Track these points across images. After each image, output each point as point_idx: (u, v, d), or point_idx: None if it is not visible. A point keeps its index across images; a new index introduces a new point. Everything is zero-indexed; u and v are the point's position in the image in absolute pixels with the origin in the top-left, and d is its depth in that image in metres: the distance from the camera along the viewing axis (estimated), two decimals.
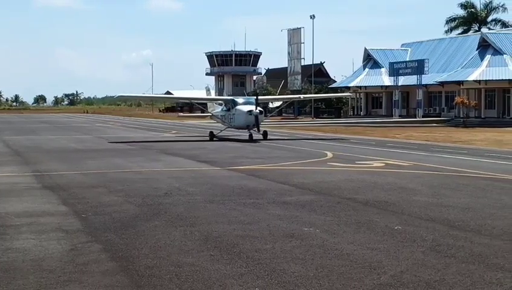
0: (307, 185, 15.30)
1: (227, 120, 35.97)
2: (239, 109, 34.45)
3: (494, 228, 9.91)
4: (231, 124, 35.46)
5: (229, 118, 35.73)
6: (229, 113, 35.74)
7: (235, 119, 34.87)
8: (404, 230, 9.78)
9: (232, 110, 35.33)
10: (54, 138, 37.76)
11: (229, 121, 35.72)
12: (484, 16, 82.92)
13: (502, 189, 14.55)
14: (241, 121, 34.19)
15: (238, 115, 34.32)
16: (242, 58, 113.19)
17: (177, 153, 25.26)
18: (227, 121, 36.06)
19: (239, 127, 35.16)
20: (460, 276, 7.20)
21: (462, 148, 28.28)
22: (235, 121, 34.86)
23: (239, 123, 34.61)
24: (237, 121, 34.67)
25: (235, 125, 35.14)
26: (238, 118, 34.44)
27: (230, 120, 35.45)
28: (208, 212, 11.45)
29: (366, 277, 7.18)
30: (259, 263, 7.76)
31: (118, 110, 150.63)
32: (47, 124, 64.14)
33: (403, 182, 15.76)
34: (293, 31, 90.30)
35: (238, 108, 34.64)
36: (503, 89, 56.72)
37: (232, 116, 35.15)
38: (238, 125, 34.89)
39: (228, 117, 35.82)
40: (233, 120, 35.11)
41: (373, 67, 73.94)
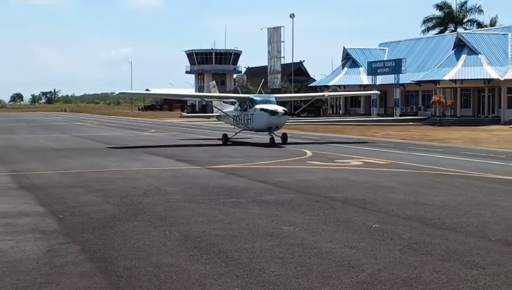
0: (286, 183, 15.38)
1: (243, 121, 31.40)
2: (260, 109, 29.96)
3: (469, 226, 10.06)
4: (248, 125, 31.05)
5: (244, 118, 31.21)
6: (245, 114, 31.14)
7: (254, 120, 30.41)
8: (382, 228, 9.89)
9: (249, 109, 30.76)
10: (31, 137, 37.43)
11: (245, 122, 31.25)
12: (461, 16, 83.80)
13: (477, 187, 14.75)
14: (262, 123, 29.86)
15: (259, 116, 29.93)
16: (222, 57, 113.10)
17: (156, 153, 25.20)
18: (242, 122, 31.52)
19: (259, 130, 30.85)
20: (436, 273, 7.32)
21: (438, 147, 28.57)
22: (254, 122, 30.37)
23: (259, 125, 30.17)
24: (257, 122, 30.20)
25: (254, 127, 30.73)
26: (258, 118, 30.02)
27: (247, 121, 30.99)
28: (188, 212, 11.47)
29: (344, 275, 7.26)
30: (238, 263, 7.81)
31: (96, 109, 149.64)
32: (24, 123, 63.50)
33: (381, 180, 15.91)
34: (273, 29, 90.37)
35: (258, 107, 30.15)
36: (478, 89, 57.34)
37: (250, 117, 30.65)
38: (257, 127, 30.49)
39: (244, 118, 31.30)
40: (251, 121, 30.64)
41: (352, 67, 74.35)
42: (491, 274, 7.27)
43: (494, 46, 59.49)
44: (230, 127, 34.80)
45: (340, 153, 24.37)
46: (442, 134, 39.42)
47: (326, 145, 29.72)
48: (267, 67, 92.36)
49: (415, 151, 25.80)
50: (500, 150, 26.43)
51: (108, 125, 58.89)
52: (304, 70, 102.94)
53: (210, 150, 26.55)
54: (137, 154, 24.68)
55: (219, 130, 39.20)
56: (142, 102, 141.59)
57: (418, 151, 25.56)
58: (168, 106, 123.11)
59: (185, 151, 25.81)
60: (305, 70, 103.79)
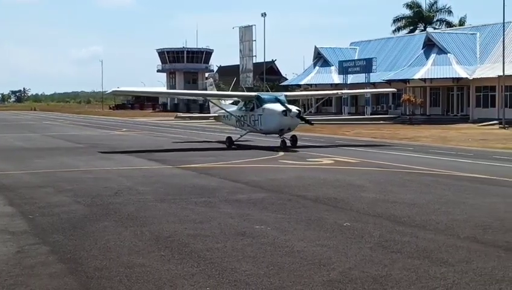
0: (258, 183, 15.41)
1: (250, 122, 28.02)
2: (270, 108, 26.73)
3: (438, 223, 10.20)
4: (256, 127, 27.72)
5: (251, 119, 27.89)
6: (251, 114, 27.83)
7: (262, 121, 27.11)
8: (353, 226, 9.98)
9: (257, 109, 27.46)
10: (1, 136, 36.87)
11: (252, 124, 27.88)
12: (431, 16, 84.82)
13: (446, 185, 14.96)
14: (273, 124, 26.61)
15: (269, 116, 26.65)
16: (194, 55, 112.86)
17: (127, 152, 25.01)
18: (249, 123, 28.13)
19: (268, 132, 27.65)
20: (406, 271, 7.40)
21: (408, 145, 28.89)
22: (263, 123, 27.08)
23: (269, 126, 26.92)
24: (266, 123, 26.91)
25: (263, 128, 27.42)
26: (268, 119, 26.76)
27: (254, 122, 27.66)
28: (159, 211, 11.43)
29: (315, 274, 7.31)
30: (210, 262, 7.81)
31: (67, 108, 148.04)
32: None
33: (352, 179, 16.04)
34: (244, 28, 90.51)
35: (267, 107, 26.90)
36: (447, 87, 58.10)
37: (258, 118, 27.40)
38: (267, 128, 27.24)
39: (250, 118, 27.95)
40: (259, 122, 27.37)
41: (323, 66, 74.83)
42: (460, 271, 7.38)
43: (463, 46, 60.34)
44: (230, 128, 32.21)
45: (311, 152, 24.47)
46: (412, 132, 39.85)
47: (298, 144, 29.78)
48: (239, 66, 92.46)
49: (385, 149, 26.04)
50: (469, 148, 26.82)
51: (79, 124, 58.31)
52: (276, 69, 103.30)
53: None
54: (108, 153, 24.48)
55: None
56: (113, 101, 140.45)
57: (388, 150, 25.81)
58: (140, 105, 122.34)
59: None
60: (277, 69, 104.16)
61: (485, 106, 55.57)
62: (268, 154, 23.69)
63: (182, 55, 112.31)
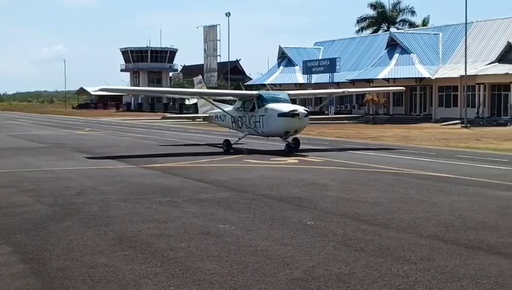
0: (223, 182, 15.40)
1: (249, 124, 25.40)
2: (274, 109, 24.23)
3: (401, 222, 10.33)
4: (257, 129, 25.08)
5: (251, 120, 25.26)
6: (251, 115, 25.25)
7: (265, 123, 24.56)
8: (317, 225, 10.04)
9: (258, 109, 24.87)
10: None
11: (252, 125, 25.23)
12: (394, 16, 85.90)
13: (409, 184, 15.15)
14: (278, 126, 24.12)
15: (273, 117, 24.12)
16: (158, 55, 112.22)
17: (90, 151, 24.75)
18: (248, 124, 25.47)
19: (271, 134, 25.19)
20: (369, 269, 7.48)
21: (372, 144, 29.17)
22: (266, 125, 24.54)
23: (273, 128, 24.43)
24: (270, 125, 24.38)
25: (265, 131, 24.85)
26: (272, 121, 24.21)
27: (255, 124, 25.02)
28: (122, 211, 11.34)
29: (279, 272, 7.33)
30: (174, 262, 7.77)
31: (29, 107, 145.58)
32: None
33: (316, 178, 16.13)
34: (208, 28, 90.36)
35: (271, 107, 24.37)
36: (410, 87, 58.91)
37: (260, 119, 24.77)
38: (270, 131, 24.72)
39: (250, 120, 25.33)
40: (261, 124, 24.77)
41: (287, 65, 75.15)
42: (422, 269, 7.48)
43: (425, 46, 61.29)
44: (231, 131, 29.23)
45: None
46: (375, 132, 40.27)
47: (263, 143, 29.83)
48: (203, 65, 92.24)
49: (349, 149, 26.25)
50: (431, 148, 27.22)
51: (42, 123, 57.44)
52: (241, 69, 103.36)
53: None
54: (71, 153, 24.18)
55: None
56: (77, 100, 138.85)
57: (352, 149, 26.02)
58: (103, 104, 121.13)
59: (119, 150, 25.44)
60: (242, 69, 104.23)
61: (447, 105, 56.52)
62: (232, 152, 23.66)
63: (146, 54, 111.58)
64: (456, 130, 43.04)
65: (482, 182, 15.50)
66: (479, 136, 35.25)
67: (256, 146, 26.35)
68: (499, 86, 51.18)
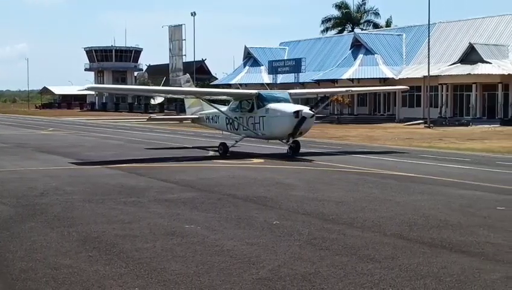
0: (188, 182, 15.35)
1: (247, 125, 23.43)
2: (276, 109, 22.44)
3: (365, 221, 10.43)
4: (257, 131, 23.13)
5: (249, 122, 23.29)
6: (250, 116, 23.32)
7: (266, 125, 22.64)
8: (282, 225, 10.07)
9: (258, 110, 22.96)
10: None
11: (251, 127, 23.23)
12: (358, 17, 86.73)
13: (373, 183, 15.32)
14: (281, 127, 22.28)
15: (276, 118, 22.31)
16: (123, 54, 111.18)
17: (53, 151, 24.42)
18: (245, 126, 23.52)
19: (273, 137, 23.34)
20: (334, 268, 7.53)
21: (336, 144, 29.40)
22: (268, 126, 22.62)
23: (275, 130, 22.58)
24: (272, 126, 22.50)
25: (266, 133, 22.97)
26: (274, 122, 22.38)
27: (255, 126, 23.06)
28: (87, 212, 11.21)
29: (245, 272, 7.34)
30: (139, 263, 7.72)
31: None
32: None
33: (281, 178, 16.19)
34: (174, 27, 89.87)
35: (273, 107, 22.53)
36: None
37: (260, 120, 22.85)
38: (272, 133, 22.85)
39: (248, 121, 23.37)
40: (261, 126, 22.84)
41: (253, 65, 75.25)
42: (386, 267, 7.56)
43: (389, 47, 62.01)
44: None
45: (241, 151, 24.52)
46: (340, 132, 40.59)
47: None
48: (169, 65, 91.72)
49: (314, 148, 26.39)
50: (395, 147, 27.54)
51: (4, 123, 56.37)
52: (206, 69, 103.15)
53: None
54: (33, 153, 23.82)
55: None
56: (40, 100, 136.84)
57: (317, 149, 26.16)
58: (67, 104, 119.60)
59: (84, 150, 25.16)
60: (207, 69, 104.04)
61: (410, 105, 57.28)
62: (199, 152, 23.59)
63: (111, 53, 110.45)
64: (419, 130, 43.63)
65: (444, 181, 15.74)
66: (441, 135, 35.80)
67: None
68: (461, 86, 52.06)
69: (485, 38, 54.86)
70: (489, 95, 51.27)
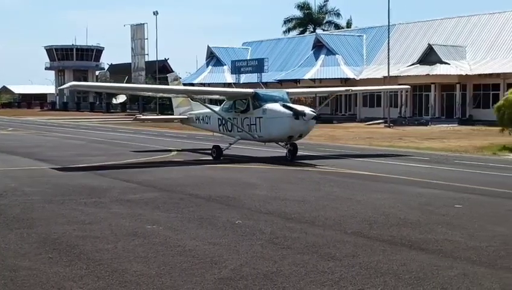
0: (151, 182, 15.25)
1: (242, 126, 21.97)
2: (275, 110, 20.87)
3: (326, 219, 10.53)
4: (253, 133, 21.65)
5: (244, 123, 21.86)
6: (245, 116, 21.88)
7: (264, 126, 21.18)
8: (245, 224, 10.10)
9: (254, 110, 21.52)
10: None
11: (246, 129, 21.78)
12: (320, 18, 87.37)
13: (335, 182, 15.47)
14: (280, 129, 20.73)
15: (274, 119, 20.79)
16: (84, 53, 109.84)
17: (13, 152, 24.00)
18: (240, 128, 22.04)
19: (271, 139, 21.80)
20: (295, 266, 7.59)
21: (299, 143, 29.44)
22: (265, 128, 21.14)
23: (273, 132, 21.02)
24: (270, 128, 21.00)
25: (264, 135, 21.45)
26: (272, 123, 20.83)
27: (251, 127, 21.62)
28: (47, 213, 11.06)
29: (207, 272, 7.34)
30: (100, 264, 7.65)
31: None
32: None
33: (244, 177, 16.22)
34: (136, 26, 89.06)
35: (271, 108, 21.01)
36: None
37: (256, 121, 21.42)
38: (270, 135, 21.29)
39: (243, 122, 21.92)
40: (257, 127, 21.41)
41: (216, 65, 75.18)
42: (347, 265, 7.65)
43: (350, 47, 62.65)
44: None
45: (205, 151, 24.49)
46: None
47: (191, 142, 29.70)
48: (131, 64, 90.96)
49: (277, 148, 26.47)
50: (356, 146, 27.84)
51: None
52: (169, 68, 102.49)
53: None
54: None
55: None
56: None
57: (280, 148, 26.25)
58: (27, 103, 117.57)
59: (45, 150, 24.78)
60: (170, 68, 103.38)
61: (371, 105, 57.93)
62: (161, 152, 23.47)
63: (71, 52, 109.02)
64: (379, 130, 44.16)
65: (404, 179, 15.98)
66: (401, 135, 36.30)
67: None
68: (420, 86, 52.85)
69: (444, 39, 55.86)
70: (447, 95, 52.19)
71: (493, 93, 48.22)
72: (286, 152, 21.29)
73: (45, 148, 26.20)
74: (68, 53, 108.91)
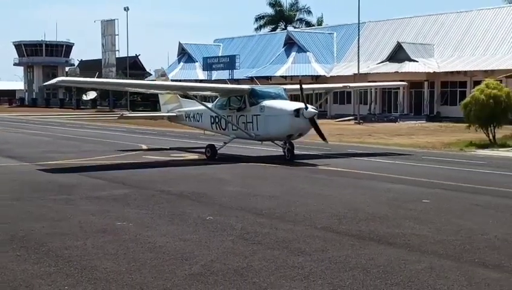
0: (121, 179, 15.17)
1: (238, 124, 20.82)
2: (274, 107, 19.88)
3: (297, 215, 10.60)
4: (249, 132, 20.54)
5: (240, 121, 20.75)
6: (241, 114, 20.74)
7: (261, 125, 20.12)
8: (216, 220, 10.12)
9: (251, 108, 20.44)
10: None
11: (242, 127, 20.68)
12: (292, 15, 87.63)
13: (304, 178, 15.57)
14: (280, 128, 19.64)
15: (273, 117, 19.74)
16: (53, 49, 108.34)
17: None
18: (235, 126, 20.93)
19: (269, 138, 20.84)
20: (265, 262, 7.63)
21: None
22: (264, 126, 20.08)
23: (272, 131, 19.97)
24: (269, 127, 19.93)
25: (261, 133, 20.36)
26: (271, 121, 19.80)
27: (247, 125, 20.54)
28: (15, 210, 10.94)
29: (177, 268, 7.34)
30: (69, 261, 7.60)
31: None
32: None
33: (216, 173, 16.24)
34: (107, 22, 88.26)
35: (269, 105, 20.00)
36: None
37: (253, 119, 20.34)
38: (268, 133, 20.24)
39: (239, 120, 20.78)
40: (254, 125, 20.34)
41: (188, 62, 74.96)
42: (316, 260, 7.72)
43: (321, 45, 62.99)
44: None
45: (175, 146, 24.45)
46: None
47: (162, 139, 29.58)
48: (102, 60, 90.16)
49: (248, 145, 26.52)
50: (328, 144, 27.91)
51: None
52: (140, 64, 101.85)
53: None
54: None
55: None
56: None
57: (251, 145, 26.30)
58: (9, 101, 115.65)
59: (13, 147, 24.46)
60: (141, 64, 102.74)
61: (341, 102, 58.30)
62: (132, 149, 23.33)
63: (41, 48, 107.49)
64: (349, 126, 44.44)
65: (372, 175, 16.16)
66: (371, 131, 36.63)
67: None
68: None
69: (412, 38, 56.47)
70: (415, 93, 52.77)
71: (460, 90, 48.88)
72: (285, 151, 20.31)
73: (14, 145, 25.84)
74: (37, 49, 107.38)
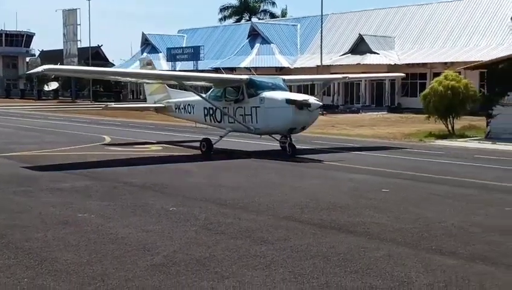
0: (83, 170, 15.02)
1: (235, 117, 19.57)
2: (274, 98, 18.65)
3: (260, 205, 10.67)
4: (248, 124, 19.25)
5: (238, 113, 19.47)
6: (238, 106, 19.47)
7: (261, 117, 18.87)
8: (179, 211, 10.12)
9: (249, 99, 19.12)
10: None
11: (240, 119, 19.42)
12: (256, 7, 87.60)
13: (269, 169, 15.68)
14: (282, 121, 18.40)
15: (274, 110, 18.51)
16: (13, 39, 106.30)
17: None
18: (233, 118, 19.66)
19: (269, 131, 19.64)
20: (228, 251, 7.68)
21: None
22: (263, 119, 18.84)
23: (273, 124, 18.73)
24: (269, 119, 18.68)
25: (261, 127, 19.08)
26: (272, 114, 18.54)
27: (245, 118, 19.28)
28: None
29: (139, 259, 7.33)
30: (29, 253, 7.53)
31: None
32: None
33: (179, 164, 16.22)
34: (68, 11, 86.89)
35: (269, 96, 18.77)
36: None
37: (252, 111, 19.08)
38: (268, 126, 19.01)
39: (237, 112, 19.51)
40: (253, 118, 19.09)
41: (151, 52, 74.32)
42: (278, 249, 7.80)
43: (285, 36, 63.18)
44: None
45: (139, 138, 24.27)
46: None
47: (125, 130, 29.33)
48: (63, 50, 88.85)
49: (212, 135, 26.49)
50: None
51: None
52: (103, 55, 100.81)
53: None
54: None
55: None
56: None
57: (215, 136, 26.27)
58: None
59: None
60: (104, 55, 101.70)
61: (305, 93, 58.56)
62: (94, 140, 23.11)
63: (0, 38, 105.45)
64: None
65: (335, 165, 16.34)
66: (334, 122, 36.88)
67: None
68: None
69: (374, 30, 57.04)
70: (377, 84, 53.37)
71: (420, 82, 49.57)
72: (286, 146, 18.92)
73: None
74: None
